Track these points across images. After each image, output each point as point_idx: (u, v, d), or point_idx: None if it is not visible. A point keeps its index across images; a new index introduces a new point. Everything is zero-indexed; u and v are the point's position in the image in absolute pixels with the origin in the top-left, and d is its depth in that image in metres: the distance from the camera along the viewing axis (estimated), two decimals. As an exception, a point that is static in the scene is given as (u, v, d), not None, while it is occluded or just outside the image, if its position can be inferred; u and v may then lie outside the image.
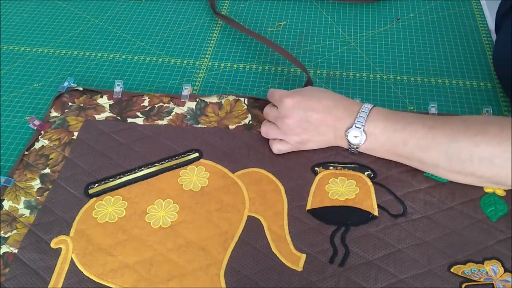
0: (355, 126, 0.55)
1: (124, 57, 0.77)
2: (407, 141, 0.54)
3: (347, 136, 0.56)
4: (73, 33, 0.82)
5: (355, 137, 0.55)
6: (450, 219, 0.53)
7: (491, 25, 0.81)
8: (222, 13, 0.85)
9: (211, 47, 0.79)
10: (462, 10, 0.85)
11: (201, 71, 0.75)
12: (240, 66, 0.76)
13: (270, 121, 0.61)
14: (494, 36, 0.79)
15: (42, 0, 0.89)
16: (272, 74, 0.74)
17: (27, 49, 0.79)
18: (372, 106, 0.56)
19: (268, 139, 0.61)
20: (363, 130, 0.55)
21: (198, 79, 0.73)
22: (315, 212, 0.54)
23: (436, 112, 0.64)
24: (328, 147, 0.60)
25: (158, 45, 0.80)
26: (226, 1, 0.88)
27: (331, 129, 0.57)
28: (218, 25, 0.83)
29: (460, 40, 0.79)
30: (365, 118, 0.55)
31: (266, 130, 0.60)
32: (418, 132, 0.53)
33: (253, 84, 0.72)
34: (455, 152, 0.52)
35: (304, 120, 0.57)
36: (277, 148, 0.60)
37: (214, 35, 0.81)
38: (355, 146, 0.57)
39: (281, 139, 0.59)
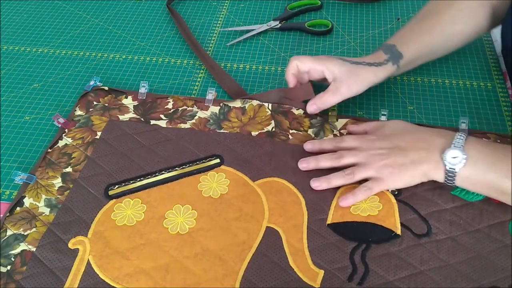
0: (454, 146, 0.51)
1: (124, 57, 0.77)
2: (510, 174, 0.49)
3: (444, 157, 0.51)
4: (73, 33, 0.82)
5: (454, 157, 0.51)
6: (476, 241, 0.51)
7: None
8: (222, 13, 0.84)
9: (211, 47, 0.79)
10: None
11: (201, 71, 0.74)
12: (240, 66, 0.75)
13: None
14: (493, 36, 0.77)
15: (42, 0, 0.90)
16: (272, 74, 0.73)
17: (27, 49, 0.79)
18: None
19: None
20: (463, 150, 0.51)
21: (198, 79, 0.73)
22: (335, 227, 0.53)
23: (467, 127, 0.62)
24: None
25: (158, 45, 0.79)
26: (226, 1, 0.88)
27: (430, 155, 0.53)
28: (218, 25, 0.83)
29: (460, 40, 0.78)
30: (463, 140, 0.52)
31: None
32: None
33: (253, 84, 0.72)
34: None
35: (419, 139, 0.55)
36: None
37: (214, 35, 0.81)
38: (453, 171, 0.51)
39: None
